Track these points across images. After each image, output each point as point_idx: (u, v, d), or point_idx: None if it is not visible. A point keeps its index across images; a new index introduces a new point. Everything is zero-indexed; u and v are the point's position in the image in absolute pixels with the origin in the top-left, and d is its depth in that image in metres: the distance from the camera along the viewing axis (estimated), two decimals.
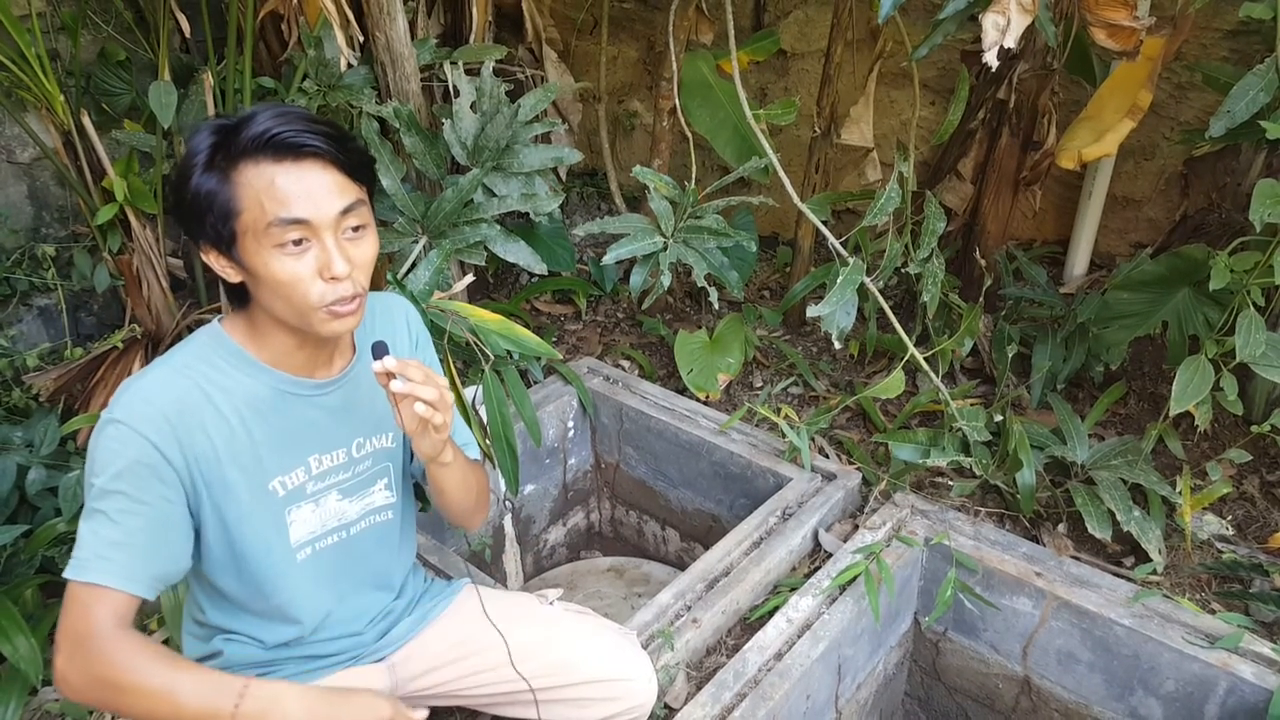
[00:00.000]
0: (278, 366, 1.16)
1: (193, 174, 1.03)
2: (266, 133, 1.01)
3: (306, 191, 1.03)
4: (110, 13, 2.43)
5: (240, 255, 1.05)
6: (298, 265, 1.04)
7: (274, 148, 1.01)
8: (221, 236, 1.04)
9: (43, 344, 2.49)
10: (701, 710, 1.50)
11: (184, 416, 1.08)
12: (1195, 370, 1.75)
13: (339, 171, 1.06)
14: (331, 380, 1.21)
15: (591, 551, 2.69)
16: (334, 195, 1.05)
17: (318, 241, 1.05)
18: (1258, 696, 1.56)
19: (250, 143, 1.01)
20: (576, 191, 3.74)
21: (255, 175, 1.02)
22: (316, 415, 1.20)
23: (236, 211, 1.03)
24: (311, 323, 1.08)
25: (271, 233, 1.02)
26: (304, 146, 1.02)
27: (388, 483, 1.31)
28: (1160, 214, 2.79)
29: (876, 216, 2.02)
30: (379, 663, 1.37)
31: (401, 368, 1.07)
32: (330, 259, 1.05)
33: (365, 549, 1.30)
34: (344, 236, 1.07)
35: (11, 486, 1.92)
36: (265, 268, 1.04)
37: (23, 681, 1.66)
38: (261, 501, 1.16)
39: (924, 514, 1.98)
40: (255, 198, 1.02)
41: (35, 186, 2.51)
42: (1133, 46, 1.80)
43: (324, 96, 2.16)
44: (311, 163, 1.04)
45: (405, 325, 1.34)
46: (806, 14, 3.17)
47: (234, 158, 1.02)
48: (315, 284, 1.05)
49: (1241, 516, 2.03)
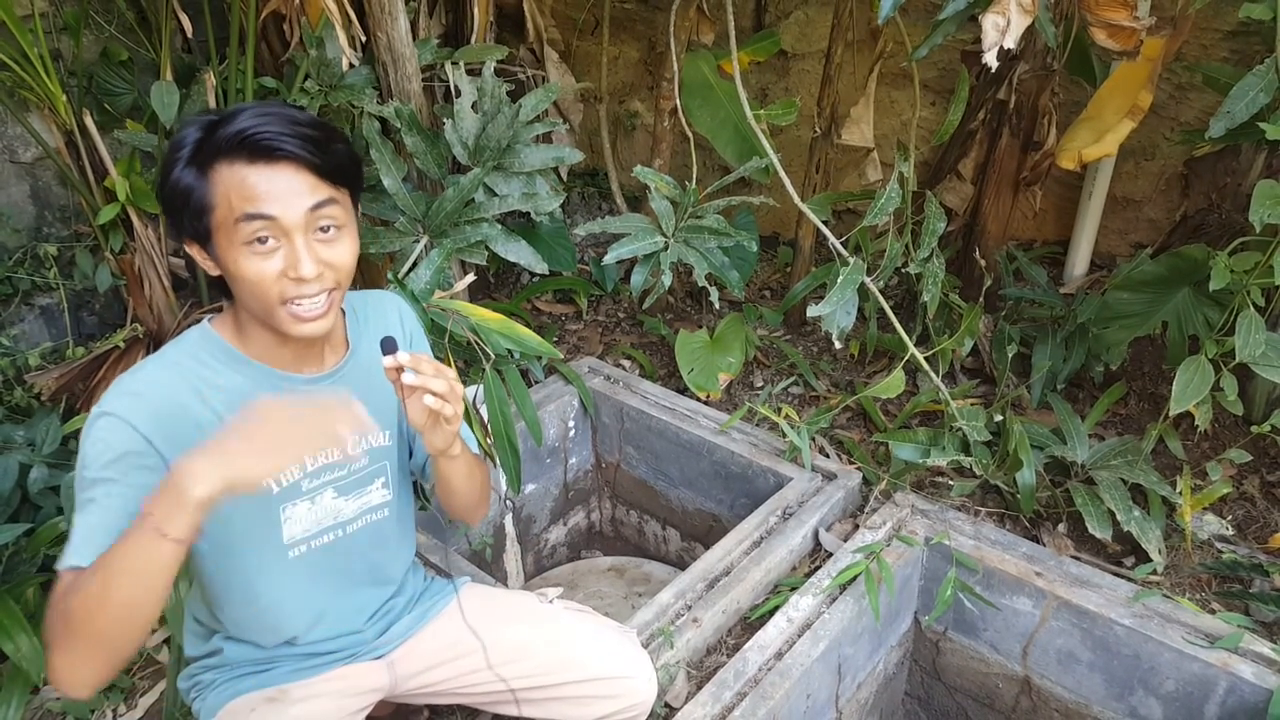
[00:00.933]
0: (265, 362, 1.16)
1: (174, 168, 1.05)
2: (243, 132, 1.01)
3: (275, 191, 1.03)
4: (112, 13, 2.43)
5: (215, 251, 1.06)
6: (264, 264, 1.04)
7: (249, 148, 1.02)
8: (198, 231, 1.06)
9: (45, 343, 2.50)
10: (702, 709, 1.51)
11: (175, 413, 1.08)
12: (1195, 370, 1.75)
13: (312, 174, 1.06)
14: (323, 375, 1.21)
15: (592, 551, 2.69)
16: (303, 194, 1.05)
17: (286, 241, 1.05)
18: (1258, 696, 1.56)
19: (227, 141, 1.02)
20: (578, 191, 3.75)
21: (229, 173, 1.02)
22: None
23: (210, 207, 1.04)
24: (277, 322, 1.09)
25: (239, 229, 1.03)
26: (278, 150, 1.02)
27: (385, 481, 1.31)
28: (1161, 214, 2.79)
29: (877, 216, 2.02)
30: (378, 660, 1.37)
31: (414, 362, 1.07)
32: (298, 259, 1.04)
33: (361, 547, 1.30)
34: (315, 237, 1.07)
35: (13, 485, 1.93)
36: (235, 265, 1.05)
37: (24, 680, 1.66)
38: (254, 498, 1.16)
39: (924, 513, 1.98)
40: (226, 195, 1.03)
41: (37, 186, 2.52)
42: (1133, 47, 1.80)
43: (325, 96, 2.17)
44: (285, 165, 1.04)
45: (399, 321, 1.34)
46: (807, 14, 3.18)
47: (211, 155, 1.03)
48: (279, 282, 1.05)
49: (1242, 516, 2.03)
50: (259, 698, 1.27)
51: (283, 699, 1.27)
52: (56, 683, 0.98)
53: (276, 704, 1.26)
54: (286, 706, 1.26)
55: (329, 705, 1.29)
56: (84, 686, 0.98)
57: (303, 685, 1.30)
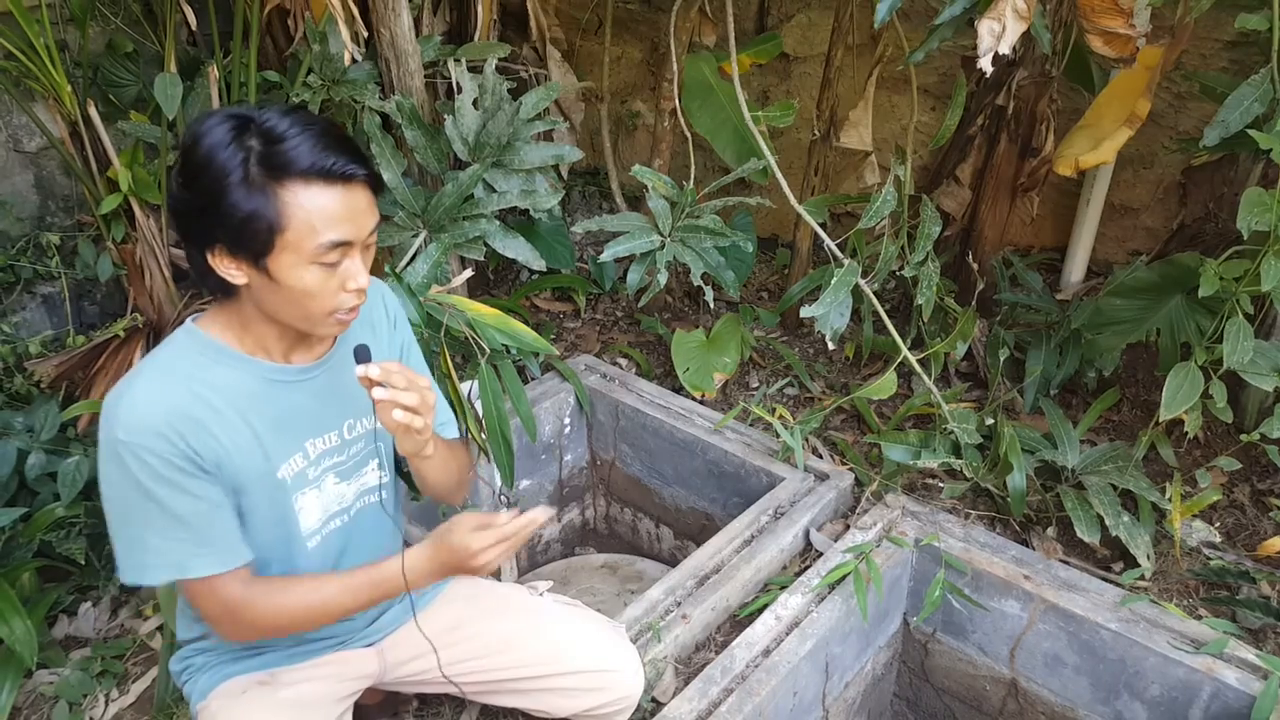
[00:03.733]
0: (258, 355, 1.18)
1: (228, 190, 1.03)
2: (318, 163, 1.04)
3: (352, 215, 1.08)
4: (119, 5, 2.45)
5: (269, 265, 1.06)
6: (329, 278, 1.09)
7: (326, 175, 1.05)
8: (253, 249, 1.05)
9: (45, 331, 2.52)
10: (688, 705, 1.52)
11: (186, 422, 1.09)
12: (1185, 377, 1.76)
13: (369, 191, 1.11)
14: (313, 365, 1.22)
15: (586, 548, 2.70)
16: (368, 215, 1.11)
17: (349, 257, 1.10)
18: (1241, 702, 1.57)
19: (302, 167, 1.03)
20: (578, 190, 3.76)
21: (306, 197, 1.04)
22: (304, 400, 1.21)
23: (281, 229, 1.04)
24: (315, 327, 1.13)
25: (317, 251, 1.06)
26: (354, 177, 1.07)
27: (379, 462, 1.34)
28: (1158, 222, 2.80)
29: (872, 219, 2.04)
30: (369, 647, 1.38)
31: (385, 375, 1.09)
32: (358, 272, 1.11)
33: (364, 529, 1.33)
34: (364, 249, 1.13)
35: (11, 471, 1.94)
36: (299, 280, 1.07)
37: (18, 664, 1.68)
38: (273, 493, 1.18)
39: (915, 515, 1.99)
40: (306, 219, 1.04)
41: (41, 176, 2.54)
42: (1129, 54, 1.81)
43: (328, 91, 2.18)
44: (356, 187, 1.08)
45: (383, 306, 1.35)
46: (809, 18, 3.19)
47: (280, 178, 1.03)
48: (338, 295, 1.10)
49: (1231, 524, 2.04)
50: (250, 680, 1.28)
51: (273, 682, 1.29)
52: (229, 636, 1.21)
53: (267, 687, 1.28)
54: (277, 690, 1.28)
55: (319, 689, 1.31)
56: None
57: (294, 670, 1.32)
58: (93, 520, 1.95)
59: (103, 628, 1.97)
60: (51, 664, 1.83)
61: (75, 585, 2.00)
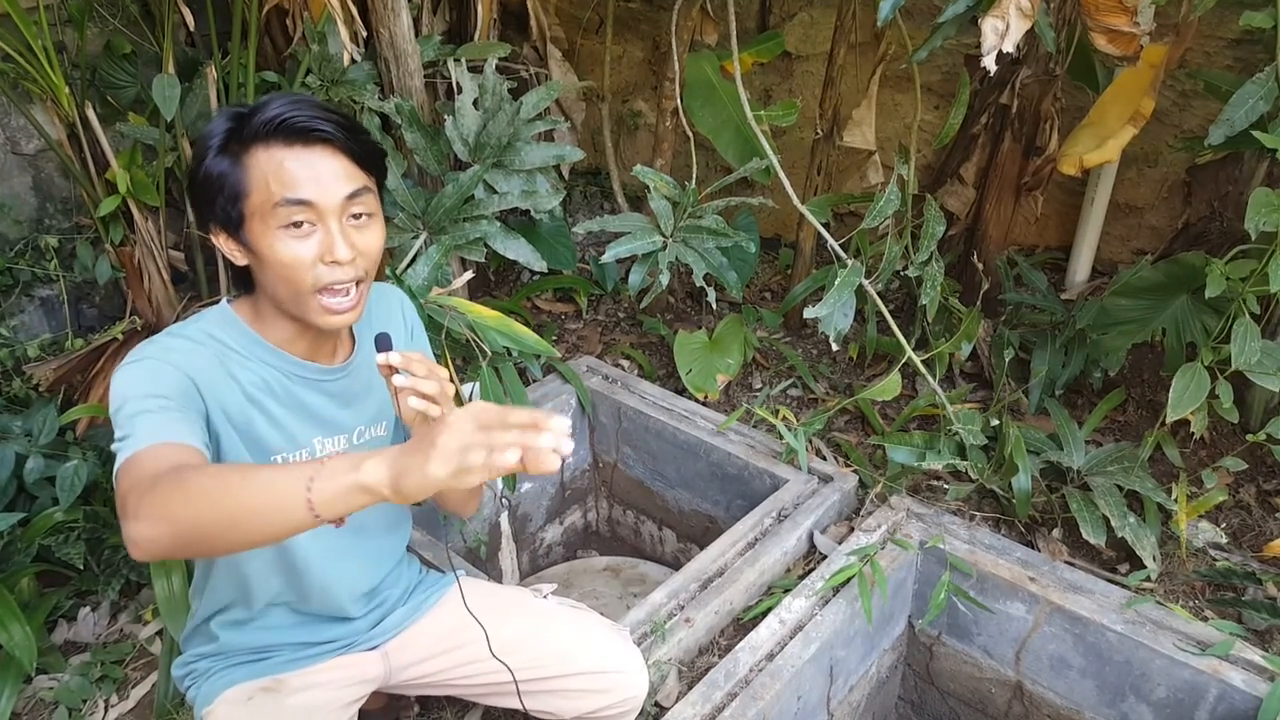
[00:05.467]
0: (285, 349, 1.18)
1: (206, 156, 1.06)
2: (278, 117, 1.03)
3: (314, 175, 1.05)
4: (117, 6, 2.44)
5: (247, 237, 1.07)
6: (300, 247, 1.06)
7: (285, 132, 1.04)
8: (230, 218, 1.06)
9: (44, 335, 2.50)
10: (692, 709, 1.51)
11: (205, 376, 1.09)
12: (1191, 377, 1.75)
13: (347, 158, 1.08)
14: (336, 368, 1.23)
15: (588, 551, 2.69)
16: (340, 180, 1.07)
17: (322, 225, 1.07)
18: (1247, 704, 1.55)
19: (262, 127, 1.03)
20: (580, 190, 3.75)
21: (265, 158, 1.04)
22: (322, 400, 1.22)
23: (245, 193, 1.05)
24: (307, 311, 1.10)
25: (277, 213, 1.04)
26: (314, 131, 1.05)
27: None
28: (1163, 221, 2.78)
29: (875, 219, 2.02)
30: (373, 650, 1.38)
31: (405, 362, 1.08)
32: (333, 243, 1.07)
33: (364, 525, 1.31)
34: (349, 223, 1.09)
35: (9, 475, 1.93)
36: (270, 249, 1.06)
37: (17, 669, 1.66)
38: (259, 458, 1.17)
39: (919, 517, 1.98)
40: (263, 179, 1.04)
41: (39, 178, 2.52)
42: (1133, 52, 1.80)
43: (327, 92, 2.17)
44: (321, 148, 1.06)
45: (401, 315, 1.36)
46: (811, 16, 3.18)
47: (246, 141, 1.04)
48: (315, 267, 1.07)
49: (1237, 525, 2.02)
50: (255, 687, 1.27)
51: (279, 688, 1.28)
52: (136, 551, 0.88)
53: (273, 693, 1.27)
54: (283, 696, 1.27)
55: (325, 695, 1.30)
56: (152, 557, 0.90)
57: (299, 675, 1.31)
58: (92, 525, 1.94)
59: (102, 633, 1.96)
60: (51, 669, 1.82)
61: (74, 590, 1.99)
